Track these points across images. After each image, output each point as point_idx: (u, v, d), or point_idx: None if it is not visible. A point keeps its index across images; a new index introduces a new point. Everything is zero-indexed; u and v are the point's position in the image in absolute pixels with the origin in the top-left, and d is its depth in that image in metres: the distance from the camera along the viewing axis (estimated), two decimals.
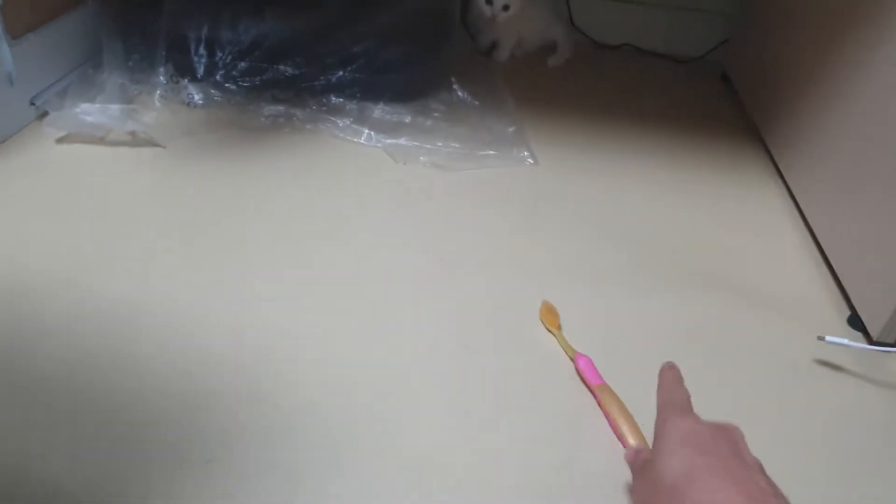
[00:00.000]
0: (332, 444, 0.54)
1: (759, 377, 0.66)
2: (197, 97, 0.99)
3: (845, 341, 0.67)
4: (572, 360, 0.65)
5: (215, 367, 0.59)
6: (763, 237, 0.87)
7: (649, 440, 0.57)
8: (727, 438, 0.43)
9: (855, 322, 0.73)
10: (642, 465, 0.48)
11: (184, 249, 0.73)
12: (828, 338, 0.67)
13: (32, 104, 0.90)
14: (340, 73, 1.03)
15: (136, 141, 0.89)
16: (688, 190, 0.95)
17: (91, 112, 0.87)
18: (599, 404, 0.61)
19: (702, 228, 0.87)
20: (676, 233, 0.86)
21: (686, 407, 0.48)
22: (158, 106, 0.95)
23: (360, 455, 0.54)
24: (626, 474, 0.53)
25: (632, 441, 0.57)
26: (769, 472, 0.42)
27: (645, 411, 0.59)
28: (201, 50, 1.02)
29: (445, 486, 0.53)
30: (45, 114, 0.89)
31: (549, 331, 0.68)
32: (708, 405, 0.62)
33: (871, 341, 0.70)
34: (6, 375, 0.56)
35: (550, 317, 0.69)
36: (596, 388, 0.61)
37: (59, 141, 0.87)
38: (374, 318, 0.67)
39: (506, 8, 1.18)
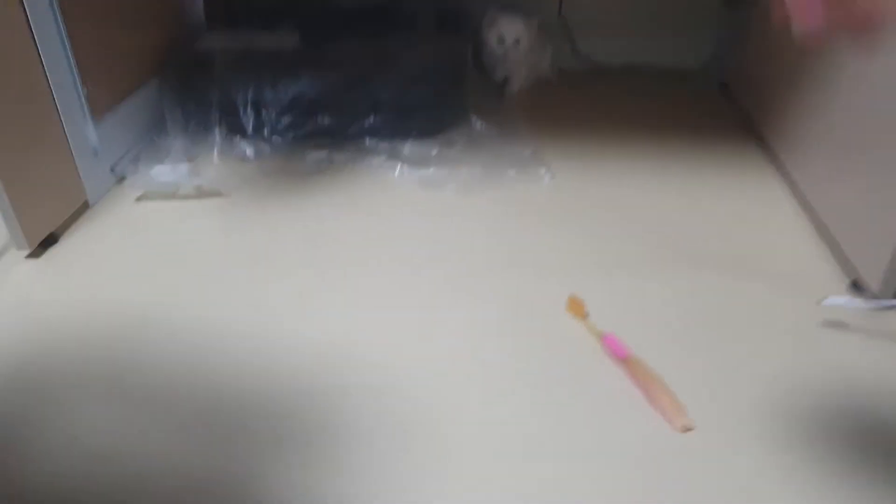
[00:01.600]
0: (401, 425, 0.64)
1: (770, 342, 0.75)
2: (249, 151, 1.13)
3: (843, 301, 0.75)
4: (600, 340, 0.74)
5: (298, 370, 0.70)
6: (764, 219, 0.96)
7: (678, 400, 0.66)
8: None
9: (857, 287, 0.81)
10: None
11: (255, 276, 0.85)
12: (826, 300, 0.75)
13: (112, 171, 1.04)
14: (371, 118, 1.16)
15: (201, 193, 1.02)
16: (691, 184, 1.05)
17: (162, 172, 1.01)
18: (629, 374, 0.70)
19: (707, 216, 0.97)
20: (684, 222, 0.95)
21: None
22: (217, 162, 1.09)
23: (422, 436, 0.64)
24: (656, 435, 0.62)
25: (659, 398, 0.65)
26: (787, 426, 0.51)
27: (669, 377, 0.68)
28: (249, 110, 1.16)
29: (497, 459, 0.62)
30: (123, 178, 1.04)
31: (577, 320, 0.78)
32: (725, 369, 0.71)
33: (870, 298, 0.78)
34: (127, 387, 0.68)
35: (577, 307, 0.79)
36: (624, 360, 0.71)
37: (138, 200, 1.01)
38: (424, 321, 0.78)
39: (517, 42, 1.31)
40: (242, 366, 0.71)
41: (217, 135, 1.13)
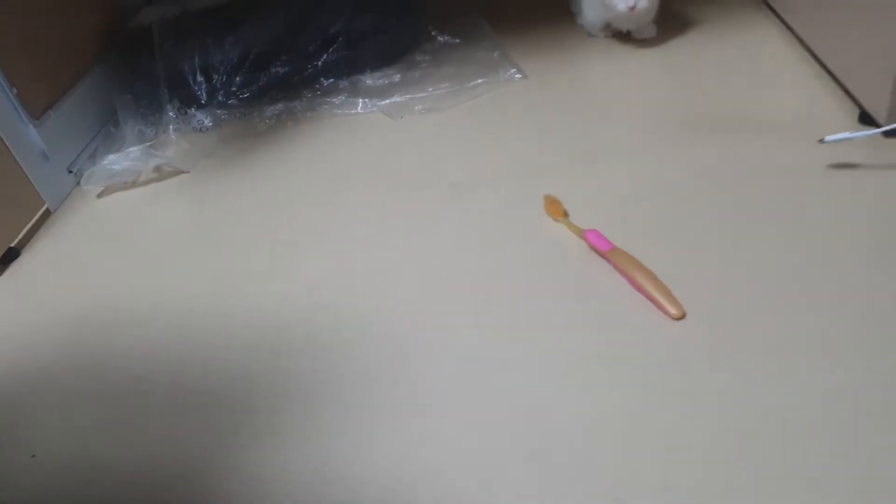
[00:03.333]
0: (399, 350, 0.60)
1: (778, 195, 0.66)
2: (206, 121, 1.07)
3: (844, 135, 0.65)
4: (582, 238, 0.67)
5: (283, 327, 0.66)
6: (761, 69, 0.85)
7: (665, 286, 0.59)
8: None
9: (865, 118, 0.71)
10: None
11: (232, 247, 0.80)
12: (827, 137, 0.65)
13: (70, 171, 1.01)
14: (324, 56, 1.08)
15: (163, 174, 0.98)
16: (680, 49, 0.94)
17: (116, 161, 0.96)
18: (614, 267, 0.63)
19: (697, 77, 0.87)
20: (671, 91, 0.85)
21: None
22: (174, 139, 1.04)
23: (419, 356, 0.59)
24: (651, 326, 0.55)
25: (659, 296, 0.58)
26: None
27: (660, 267, 0.60)
28: (199, 78, 1.09)
29: (495, 372, 0.56)
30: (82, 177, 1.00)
31: (556, 220, 0.70)
32: (735, 236, 0.63)
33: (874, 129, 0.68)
34: (104, 373, 0.65)
35: (554, 207, 0.71)
36: (608, 253, 0.63)
37: (100, 196, 0.97)
38: (409, 248, 0.72)
39: None
40: (234, 341, 0.67)
41: (170, 111, 1.07)
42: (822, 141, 0.65)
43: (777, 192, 0.66)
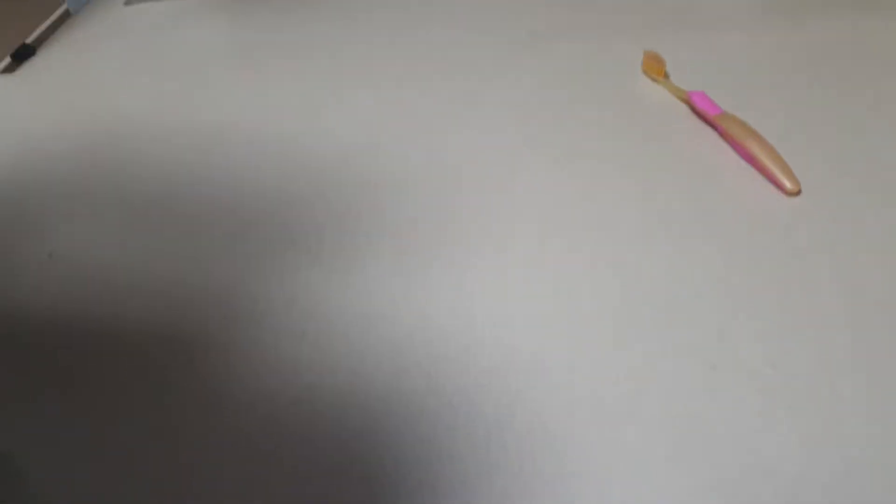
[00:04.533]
0: (437, 220, 0.52)
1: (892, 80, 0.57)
2: None
3: None
4: (685, 101, 0.58)
5: (325, 164, 0.58)
6: None
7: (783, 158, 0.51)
8: None
9: None
10: None
11: (271, 75, 0.71)
12: None
13: None
14: None
15: None
16: None
17: None
18: (722, 134, 0.55)
19: None
20: None
21: None
22: None
23: (482, 215, 0.52)
24: (763, 200, 0.48)
25: (766, 159, 0.51)
26: None
27: (772, 134, 0.53)
28: None
29: (576, 230, 0.50)
30: None
31: (656, 80, 0.62)
32: (856, 119, 0.55)
33: None
34: (124, 183, 0.58)
35: (655, 65, 0.62)
36: (716, 118, 0.55)
37: (127, 3, 0.87)
38: (466, 101, 0.63)
39: None
40: (243, 168, 0.59)
41: None
42: None
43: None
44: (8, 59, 0.74)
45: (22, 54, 0.76)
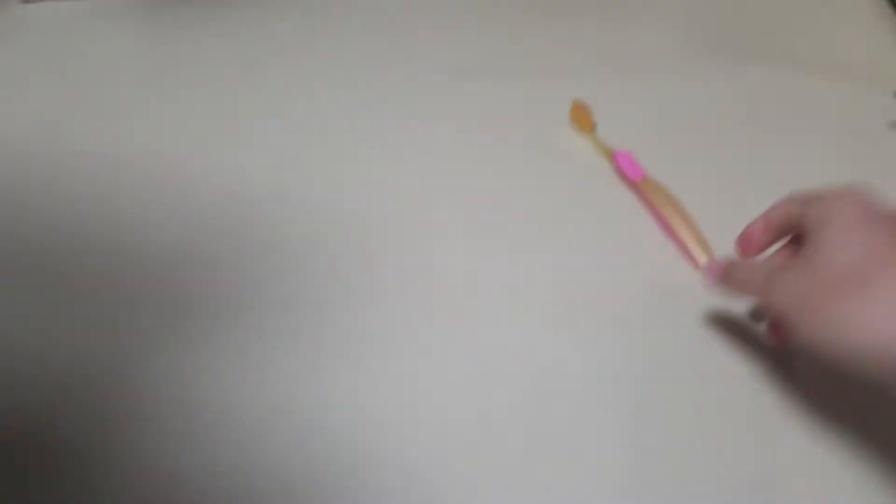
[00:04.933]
0: (350, 274, 0.51)
1: (833, 147, 0.58)
2: None
3: None
4: (610, 159, 0.58)
5: (209, 215, 0.55)
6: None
7: (700, 231, 0.52)
8: None
9: None
10: (770, 271, 0.37)
11: (173, 96, 0.66)
12: None
13: None
14: None
15: None
16: None
17: None
18: (644, 200, 0.55)
19: None
20: (722, 3, 0.74)
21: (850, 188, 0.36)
22: None
23: (388, 281, 0.50)
24: (671, 274, 0.48)
25: (684, 232, 0.51)
26: None
27: (696, 203, 0.53)
28: None
29: (483, 309, 0.49)
30: None
31: (582, 132, 0.61)
32: (780, 181, 0.55)
33: None
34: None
35: (583, 116, 0.61)
36: (639, 182, 0.55)
37: (25, 0, 0.79)
38: (382, 144, 0.61)
39: None
40: (132, 220, 0.55)
41: None
42: None
43: (835, 144, 0.59)
44: None
45: None
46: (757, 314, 0.46)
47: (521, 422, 0.42)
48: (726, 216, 0.51)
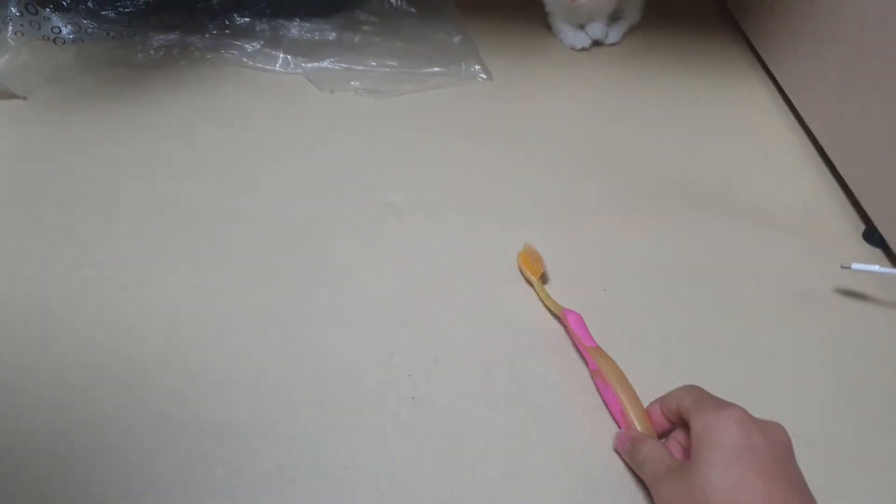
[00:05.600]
0: (267, 436, 0.41)
1: (770, 307, 0.55)
2: (65, 30, 0.79)
3: (875, 268, 0.55)
4: (559, 317, 0.53)
5: (107, 378, 0.45)
6: (759, 147, 0.74)
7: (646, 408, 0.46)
8: (780, 449, 0.36)
9: (871, 237, 0.63)
10: (665, 468, 0.39)
11: (55, 231, 0.57)
12: (854, 265, 0.55)
13: None
14: None
15: None
16: (671, 101, 0.81)
17: None
18: (593, 373, 0.49)
19: (691, 144, 0.74)
20: (664, 151, 0.72)
21: (725, 402, 0.39)
22: (13, 45, 0.75)
23: (303, 470, 0.41)
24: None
25: (636, 421, 0.45)
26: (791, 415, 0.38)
27: (639, 374, 0.48)
28: None
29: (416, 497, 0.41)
30: None
31: (530, 280, 0.55)
32: (716, 344, 0.52)
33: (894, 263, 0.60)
34: None
35: (532, 263, 0.56)
36: (589, 350, 0.49)
37: None
38: (311, 283, 0.53)
39: None
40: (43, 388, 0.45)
41: (14, 4, 0.78)
42: (845, 266, 0.55)
43: (774, 303, 0.56)
44: None
45: None
46: None
47: None
48: (660, 372, 0.45)
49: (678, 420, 0.42)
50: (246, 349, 0.48)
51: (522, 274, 0.56)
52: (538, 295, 0.54)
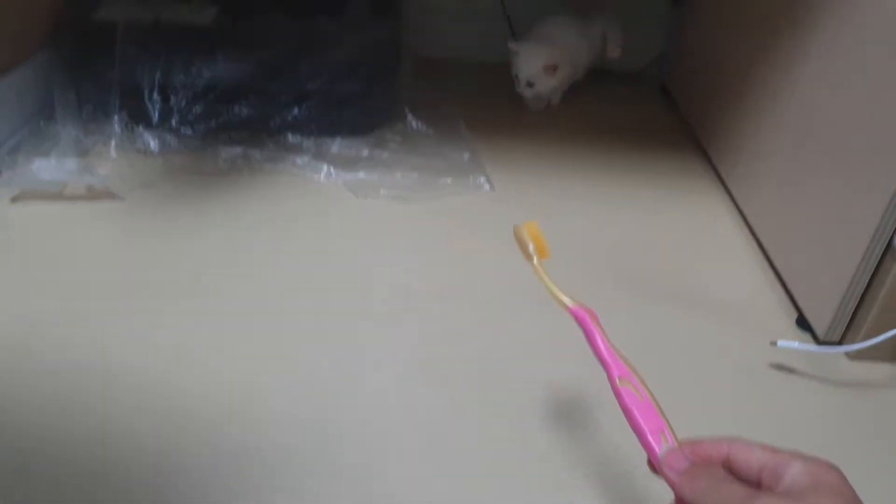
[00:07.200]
0: (308, 486, 0.56)
1: (714, 384, 0.70)
2: (153, 144, 1.00)
3: (795, 344, 0.71)
4: (569, 309, 0.48)
5: (190, 432, 0.60)
6: (709, 244, 0.91)
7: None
8: None
9: (803, 323, 0.78)
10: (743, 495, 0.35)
11: (147, 308, 0.73)
12: (779, 343, 0.70)
13: None
14: (295, 110, 1.05)
15: (92, 194, 0.89)
16: (634, 204, 0.99)
17: (46, 168, 0.87)
18: (620, 379, 0.44)
19: (649, 241, 0.91)
20: (625, 247, 0.89)
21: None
22: (114, 156, 0.95)
23: None
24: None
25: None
26: None
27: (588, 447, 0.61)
28: (155, 96, 1.02)
29: None
30: None
31: (532, 262, 0.50)
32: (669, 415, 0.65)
33: (818, 342, 0.74)
34: None
35: (541, 240, 0.50)
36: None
37: (14, 200, 0.87)
38: (345, 363, 0.68)
39: (530, 85, 1.15)
40: (122, 425, 0.60)
41: (116, 123, 0.99)
42: (773, 344, 0.70)
43: (718, 380, 0.70)
44: None
45: None
46: None
47: None
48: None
49: (729, 464, 0.39)
50: (310, 416, 0.63)
51: (521, 246, 0.51)
52: (541, 279, 0.49)
